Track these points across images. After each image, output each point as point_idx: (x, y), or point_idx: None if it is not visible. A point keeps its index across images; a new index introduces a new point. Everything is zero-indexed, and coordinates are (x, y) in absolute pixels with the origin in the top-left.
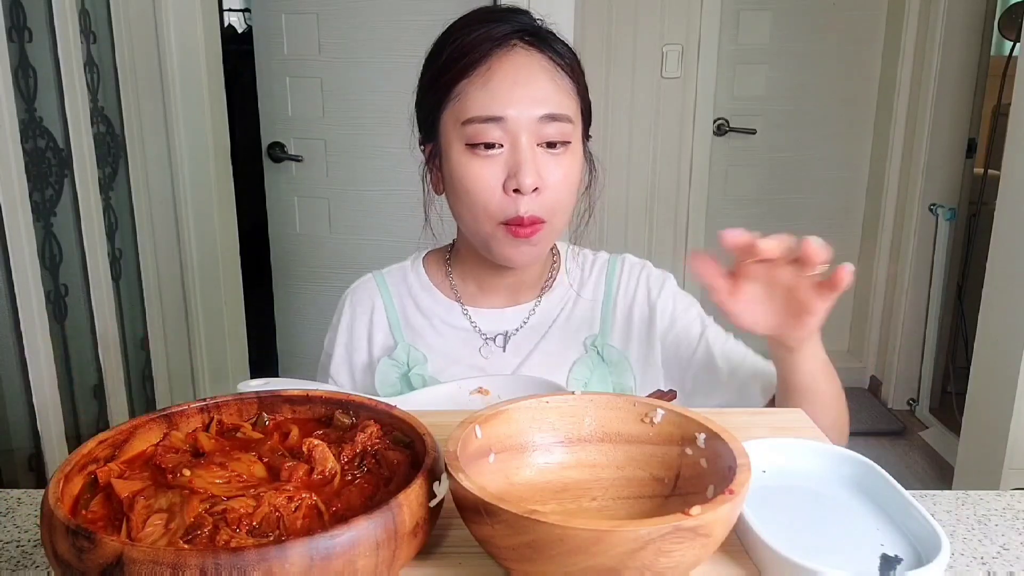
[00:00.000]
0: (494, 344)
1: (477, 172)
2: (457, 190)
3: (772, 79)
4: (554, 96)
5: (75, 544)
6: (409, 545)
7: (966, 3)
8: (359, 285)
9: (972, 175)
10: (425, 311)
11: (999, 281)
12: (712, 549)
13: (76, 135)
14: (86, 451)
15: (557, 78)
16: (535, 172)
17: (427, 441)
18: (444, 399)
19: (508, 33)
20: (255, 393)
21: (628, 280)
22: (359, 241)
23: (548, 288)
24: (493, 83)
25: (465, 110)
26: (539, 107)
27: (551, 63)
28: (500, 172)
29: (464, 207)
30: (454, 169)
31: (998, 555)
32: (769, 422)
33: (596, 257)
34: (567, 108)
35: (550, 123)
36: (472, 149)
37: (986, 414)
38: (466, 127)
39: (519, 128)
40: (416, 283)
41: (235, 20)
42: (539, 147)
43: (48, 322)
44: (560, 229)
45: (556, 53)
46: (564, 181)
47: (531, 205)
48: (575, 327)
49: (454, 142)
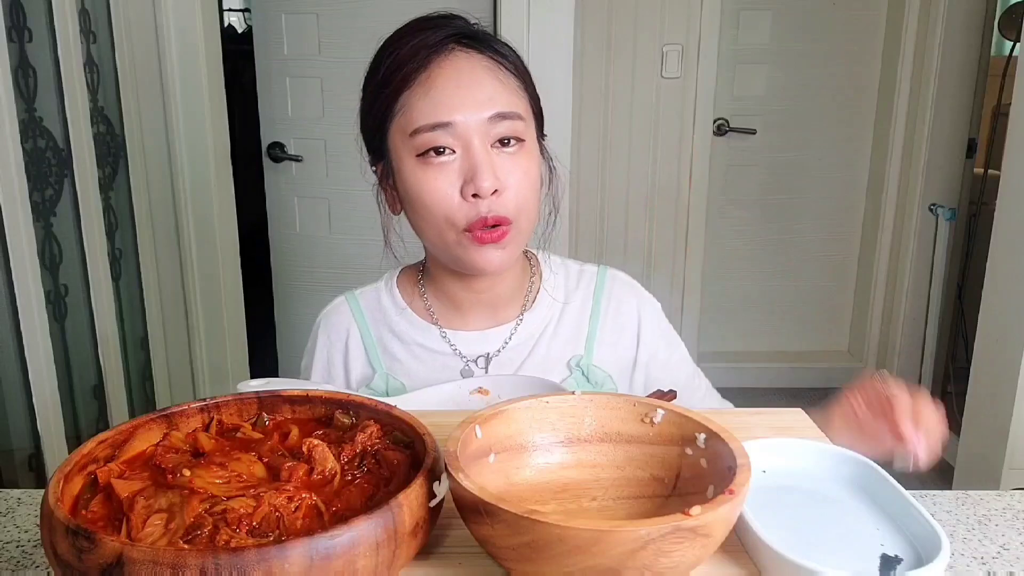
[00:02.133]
0: (476, 366)
1: (432, 183)
2: (414, 204)
3: (772, 79)
4: (501, 95)
5: (75, 544)
6: (409, 545)
7: (966, 3)
8: (332, 310)
9: (972, 175)
10: (401, 336)
11: (999, 281)
12: (712, 549)
13: (76, 135)
14: (86, 451)
15: (501, 76)
16: (492, 174)
17: (427, 441)
18: (444, 399)
19: (444, 38)
20: (255, 393)
21: (620, 299)
22: (359, 241)
23: (529, 305)
24: (435, 90)
25: (411, 121)
26: (486, 108)
27: (493, 63)
28: (456, 179)
29: (423, 220)
30: (408, 183)
31: (998, 555)
32: (769, 422)
33: (582, 270)
34: (515, 106)
35: (500, 122)
36: (424, 159)
37: (986, 414)
38: (414, 138)
39: (469, 132)
40: (391, 306)
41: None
42: (493, 148)
43: (48, 322)
44: (527, 231)
45: (497, 53)
46: (525, 179)
47: (493, 206)
48: (560, 346)
49: (404, 156)
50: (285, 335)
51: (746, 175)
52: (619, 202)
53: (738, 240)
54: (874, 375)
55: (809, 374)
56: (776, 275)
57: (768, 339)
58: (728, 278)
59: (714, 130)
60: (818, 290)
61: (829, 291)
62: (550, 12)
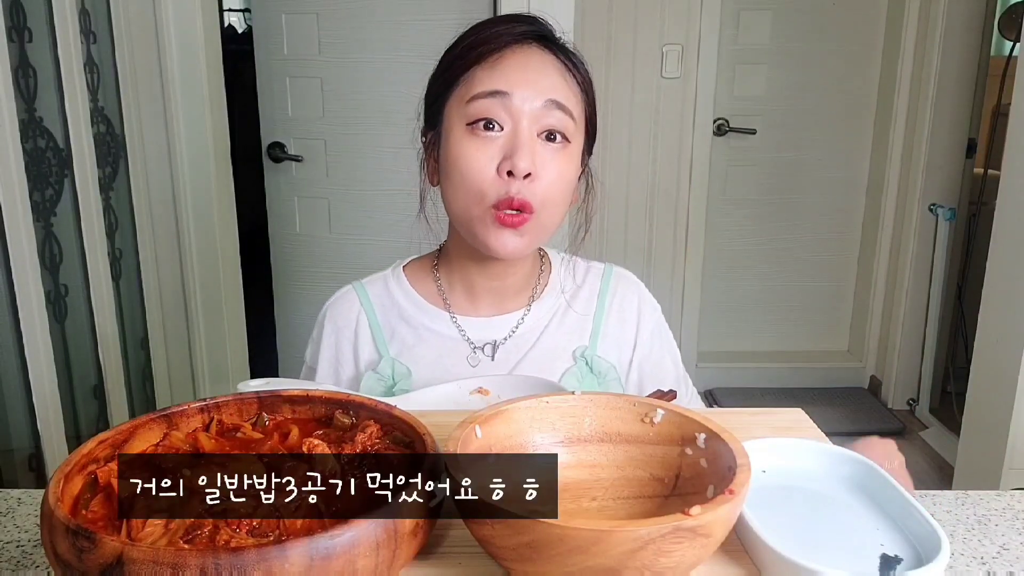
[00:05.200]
0: (482, 353)
1: (474, 152)
2: (451, 172)
3: (772, 79)
4: (561, 88)
5: (75, 544)
6: (409, 545)
7: (966, 3)
8: (339, 298)
9: (972, 175)
10: (410, 320)
11: (999, 281)
12: (712, 549)
13: (76, 135)
14: (86, 451)
15: (567, 75)
16: (530, 157)
17: (427, 441)
18: (444, 399)
19: (526, 31)
20: (255, 393)
21: (624, 297)
22: (359, 241)
23: (537, 296)
24: (502, 65)
25: (471, 88)
26: (544, 92)
27: (563, 64)
28: (496, 154)
29: (456, 189)
30: (452, 150)
31: (998, 555)
32: (769, 422)
33: (589, 267)
34: (572, 103)
35: (554, 111)
36: (472, 129)
37: (986, 414)
38: (470, 105)
39: (522, 110)
40: (399, 292)
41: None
42: (539, 137)
43: (48, 322)
44: (549, 226)
45: (569, 59)
46: (559, 177)
47: (522, 189)
48: (565, 337)
49: (456, 123)
50: (285, 335)
51: (746, 175)
52: (619, 202)
53: (738, 240)
54: (885, 442)
55: (809, 374)
56: (776, 275)
57: (768, 339)
58: (728, 278)
59: (714, 130)
60: (818, 290)
61: (829, 291)
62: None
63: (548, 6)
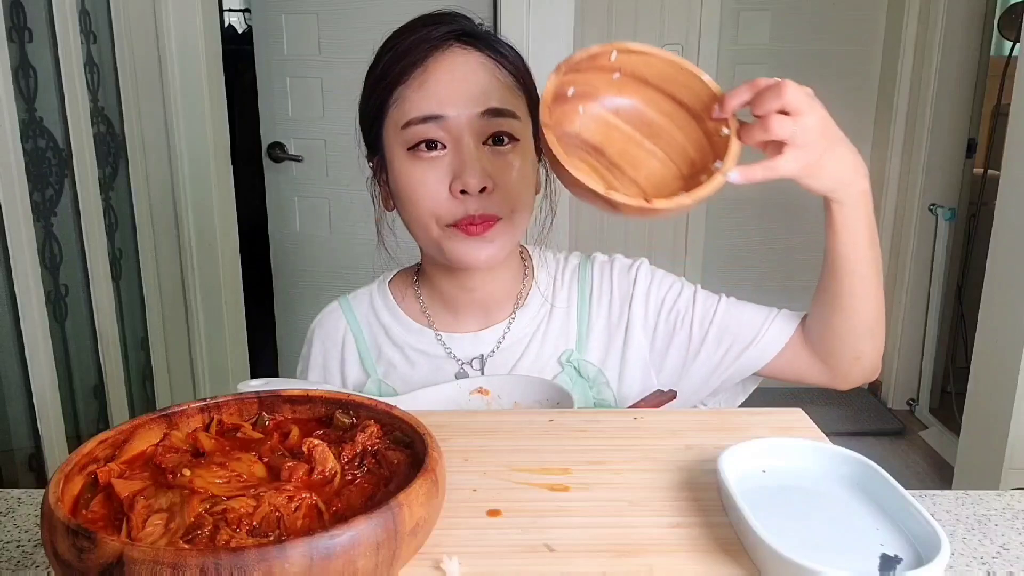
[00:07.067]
0: (471, 368)
1: (420, 176)
2: (402, 197)
3: None
4: (496, 92)
5: (75, 544)
6: (409, 545)
7: (966, 3)
8: (326, 316)
9: (972, 175)
10: (396, 340)
11: (999, 281)
12: None
13: (76, 135)
14: (86, 451)
15: (499, 74)
16: (481, 171)
17: (427, 441)
18: (444, 399)
19: (444, 34)
20: (255, 393)
21: (600, 283)
22: (359, 241)
23: (522, 303)
24: (430, 83)
25: (404, 114)
26: (479, 103)
27: (491, 61)
28: (444, 174)
29: (411, 215)
30: (398, 176)
31: (998, 555)
32: (769, 422)
33: (567, 262)
34: (511, 104)
35: (493, 119)
36: (414, 153)
37: (986, 414)
38: (406, 131)
39: (460, 127)
40: (384, 311)
41: (235, 20)
42: (485, 146)
43: (48, 322)
44: (521, 227)
45: (497, 52)
46: (519, 178)
47: (482, 204)
48: (552, 343)
49: (396, 149)
50: (285, 335)
51: None
52: None
53: (738, 240)
54: None
55: None
56: (776, 275)
57: None
58: (728, 278)
59: None
60: None
61: None
62: (550, 12)
63: (548, 7)
